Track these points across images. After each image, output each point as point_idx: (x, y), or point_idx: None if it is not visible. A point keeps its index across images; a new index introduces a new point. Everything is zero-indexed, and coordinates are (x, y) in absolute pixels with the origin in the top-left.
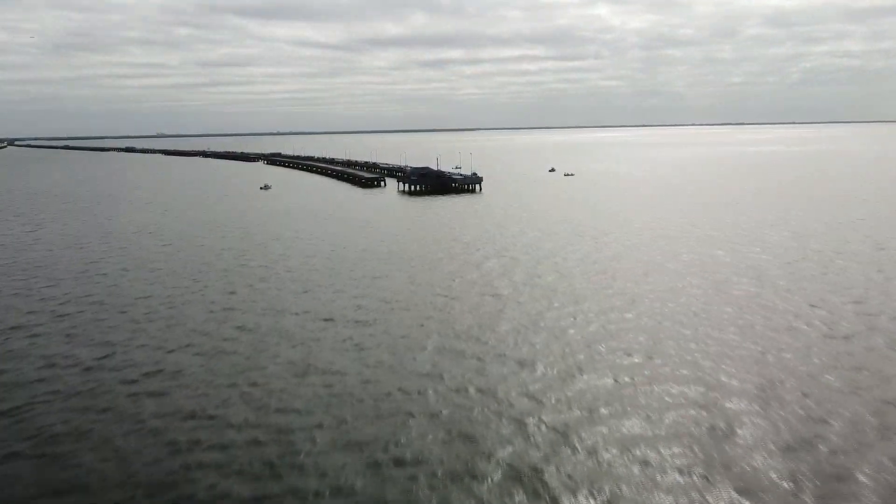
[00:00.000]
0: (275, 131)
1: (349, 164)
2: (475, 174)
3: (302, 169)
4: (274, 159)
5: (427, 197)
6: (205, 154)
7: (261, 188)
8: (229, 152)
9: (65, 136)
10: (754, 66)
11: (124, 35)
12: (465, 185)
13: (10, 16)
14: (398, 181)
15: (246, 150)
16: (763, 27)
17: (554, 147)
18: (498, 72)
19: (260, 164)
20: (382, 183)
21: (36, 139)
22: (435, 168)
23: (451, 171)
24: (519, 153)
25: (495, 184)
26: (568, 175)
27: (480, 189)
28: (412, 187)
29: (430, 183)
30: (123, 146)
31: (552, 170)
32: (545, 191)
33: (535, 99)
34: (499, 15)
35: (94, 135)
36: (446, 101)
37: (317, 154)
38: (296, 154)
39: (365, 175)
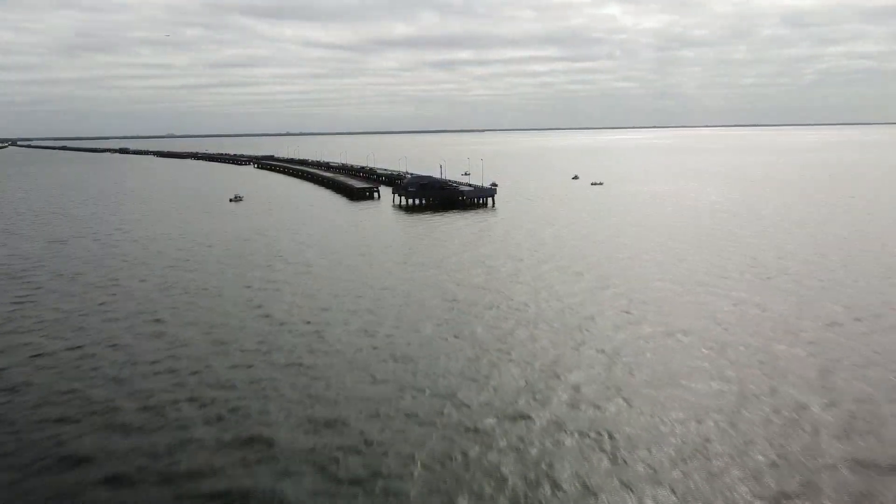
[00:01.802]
0: (283, 132)
1: (344, 168)
2: (494, 185)
3: (291, 174)
4: (265, 163)
5: (427, 215)
6: (196, 156)
7: (230, 200)
8: (222, 154)
9: (75, 136)
10: (768, 67)
11: (131, 35)
12: (474, 198)
13: (13, 16)
14: (394, 193)
15: (240, 153)
16: (779, 28)
17: (570, 151)
18: (508, 73)
19: (250, 168)
20: (376, 194)
21: (45, 139)
22: (439, 176)
23: (461, 179)
24: (533, 157)
25: (511, 196)
26: (595, 184)
27: (493, 204)
28: (410, 201)
29: (432, 195)
30: (118, 147)
31: (575, 177)
32: (575, 206)
33: (546, 100)
34: (509, 15)
35: (104, 135)
36: (456, 101)
37: (311, 157)
38: (289, 157)
39: (356, 185)
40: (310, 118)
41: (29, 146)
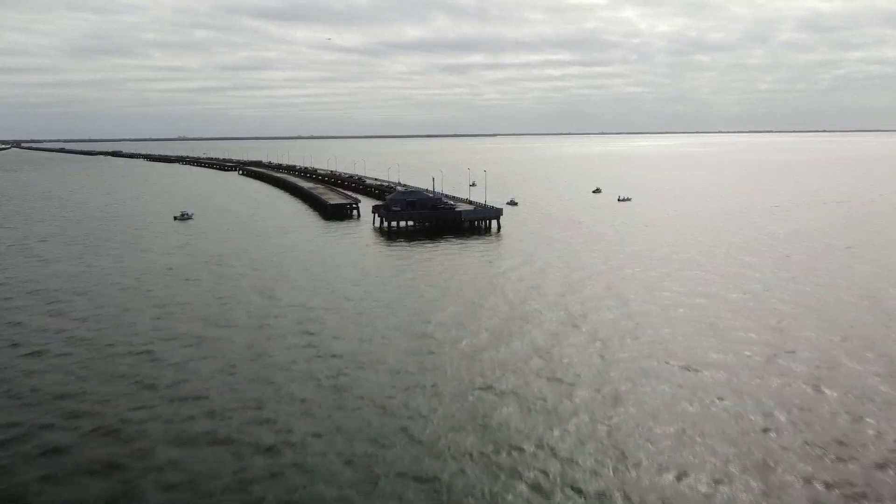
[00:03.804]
0: (295, 135)
1: (331, 177)
2: (513, 202)
3: (272, 183)
4: (250, 169)
5: (413, 245)
6: (183, 161)
7: (175, 218)
8: (210, 159)
9: (87, 138)
10: (785, 72)
11: (142, 37)
12: (474, 221)
13: (22, 16)
14: (374, 213)
15: (228, 157)
16: (796, 32)
17: (585, 158)
18: (521, 77)
19: (233, 175)
20: (355, 212)
21: (56, 141)
22: (431, 190)
23: (468, 190)
24: (547, 164)
25: (524, 214)
26: (623, 200)
27: (499, 228)
28: (394, 223)
29: (422, 217)
30: (111, 150)
31: (597, 191)
32: (608, 236)
33: (559, 104)
34: (522, 17)
35: (115, 137)
36: (468, 106)
37: (300, 164)
38: (277, 163)
39: (330, 201)
40: (322, 121)
41: (31, 148)
